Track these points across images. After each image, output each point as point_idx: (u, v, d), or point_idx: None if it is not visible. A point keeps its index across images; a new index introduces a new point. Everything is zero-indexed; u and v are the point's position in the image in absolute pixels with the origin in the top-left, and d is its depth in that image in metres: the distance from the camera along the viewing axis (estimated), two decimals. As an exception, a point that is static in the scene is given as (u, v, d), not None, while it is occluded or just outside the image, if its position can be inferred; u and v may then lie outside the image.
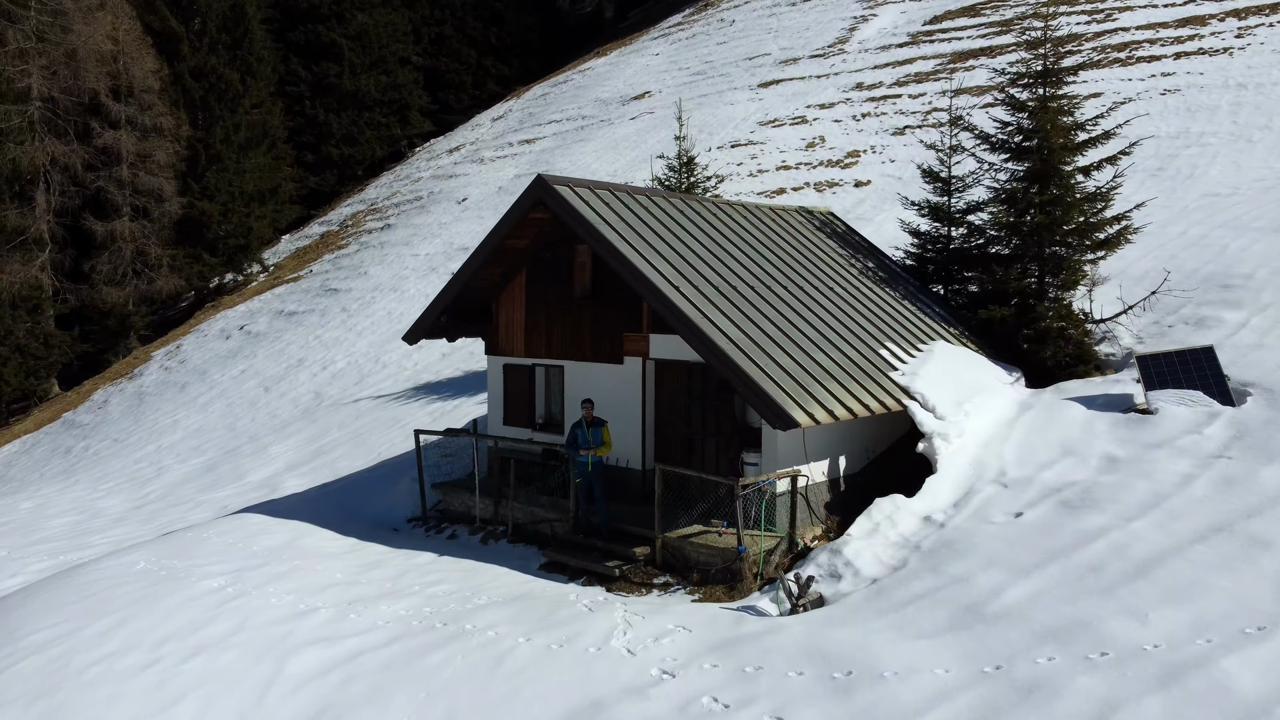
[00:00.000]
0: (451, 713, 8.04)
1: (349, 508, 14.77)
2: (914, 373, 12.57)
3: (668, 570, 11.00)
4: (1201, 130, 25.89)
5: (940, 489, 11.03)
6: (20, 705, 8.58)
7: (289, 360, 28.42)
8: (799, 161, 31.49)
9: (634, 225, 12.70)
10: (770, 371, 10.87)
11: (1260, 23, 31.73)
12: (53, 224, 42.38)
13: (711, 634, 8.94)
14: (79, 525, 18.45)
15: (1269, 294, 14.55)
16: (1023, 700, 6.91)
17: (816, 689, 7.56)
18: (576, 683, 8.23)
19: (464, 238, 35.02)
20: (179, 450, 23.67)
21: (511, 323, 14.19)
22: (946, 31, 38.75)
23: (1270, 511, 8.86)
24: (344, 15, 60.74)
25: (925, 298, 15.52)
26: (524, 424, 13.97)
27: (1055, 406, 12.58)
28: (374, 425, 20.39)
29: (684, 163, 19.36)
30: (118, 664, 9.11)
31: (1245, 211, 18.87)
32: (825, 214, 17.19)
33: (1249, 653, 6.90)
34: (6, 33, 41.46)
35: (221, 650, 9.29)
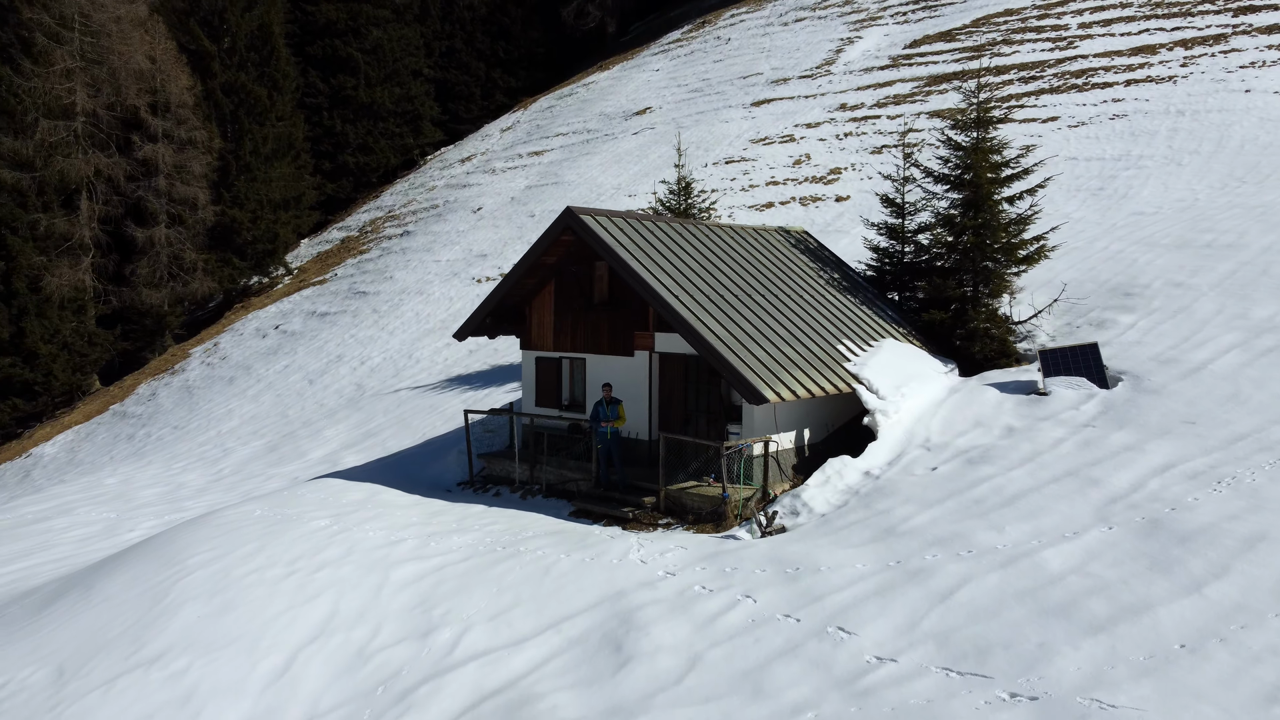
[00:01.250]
0: (517, 601, 11.35)
1: (407, 475, 18.06)
2: (864, 363, 15.88)
3: (669, 514, 14.31)
4: (1141, 153, 29.22)
5: (878, 452, 14.33)
6: (201, 600, 11.88)
7: (328, 356, 31.70)
8: (786, 178, 34.80)
9: (641, 245, 16.00)
10: (748, 361, 14.17)
11: (1204, 53, 35.04)
12: (97, 230, 45.68)
13: (701, 551, 12.26)
14: (168, 495, 21.74)
15: (1158, 301, 17.86)
16: (909, 580, 10.22)
17: (774, 579, 10.88)
18: (605, 581, 11.54)
19: (481, 245, 38.29)
20: (239, 434, 26.95)
21: (542, 323, 17.49)
22: (924, 55, 42.06)
23: (1108, 461, 12.16)
24: (360, 30, 63.99)
25: (881, 303, 18.83)
26: (553, 405, 17.27)
27: (976, 390, 15.89)
28: (415, 411, 23.69)
29: (682, 187, 22.67)
30: (265, 574, 12.41)
31: (1159, 230, 22.20)
32: (799, 233, 20.50)
33: (1061, 548, 10.21)
34: (54, 53, 44.74)
35: (340, 566, 12.58)
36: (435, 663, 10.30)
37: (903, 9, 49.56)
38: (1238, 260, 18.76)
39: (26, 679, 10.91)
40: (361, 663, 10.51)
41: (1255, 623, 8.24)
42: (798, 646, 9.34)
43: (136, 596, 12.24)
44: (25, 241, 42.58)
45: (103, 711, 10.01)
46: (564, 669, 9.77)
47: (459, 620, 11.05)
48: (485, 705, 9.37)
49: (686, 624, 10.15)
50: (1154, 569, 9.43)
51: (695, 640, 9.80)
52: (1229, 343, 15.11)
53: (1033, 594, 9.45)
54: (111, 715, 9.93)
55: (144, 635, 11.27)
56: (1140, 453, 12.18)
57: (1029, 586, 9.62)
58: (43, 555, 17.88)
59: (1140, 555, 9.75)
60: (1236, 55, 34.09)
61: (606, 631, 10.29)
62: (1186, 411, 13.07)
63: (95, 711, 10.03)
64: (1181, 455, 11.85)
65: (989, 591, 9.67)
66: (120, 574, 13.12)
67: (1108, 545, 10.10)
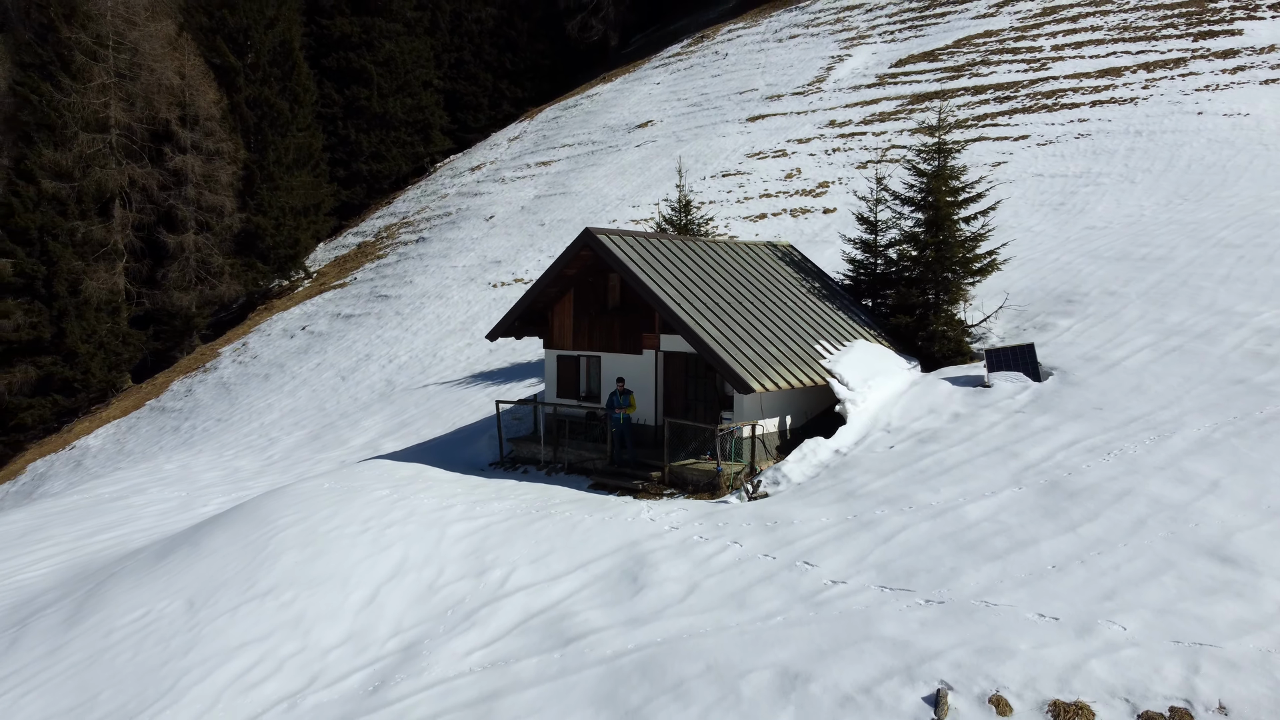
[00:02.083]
0: (552, 549, 14.18)
1: (445, 456, 20.89)
2: (837, 360, 18.73)
3: (673, 485, 17.15)
4: (1100, 171, 32.08)
5: (847, 434, 17.17)
6: (296, 550, 14.71)
7: (358, 355, 34.53)
8: (778, 190, 37.66)
9: (648, 259, 18.84)
10: (738, 357, 17.01)
11: (1165, 75, 37.91)
12: (130, 237, 48.54)
13: (699, 511, 15.11)
14: (228, 477, 24.57)
15: (1093, 308, 20.70)
16: (861, 529, 13.07)
17: (756, 530, 13.72)
18: (621, 533, 14.38)
19: (495, 252, 41.12)
20: (281, 425, 29.77)
21: (563, 326, 20.32)
22: (909, 74, 44.93)
23: (1029, 439, 15.01)
24: (373, 43, 66.80)
25: (855, 308, 21.67)
26: (572, 396, 20.10)
27: (932, 383, 18.74)
28: (444, 404, 26.53)
29: (682, 205, 25.52)
30: (344, 530, 15.25)
31: (1105, 244, 25.06)
32: (786, 246, 23.36)
33: (980, 503, 13.05)
34: (92, 70, 47.57)
35: (404, 525, 15.42)
36: (490, 593, 13.15)
37: (890, 28, 52.44)
38: (1164, 272, 21.61)
39: (164, 609, 13.74)
40: (431, 594, 13.35)
41: (1108, 550, 11.10)
42: (773, 575, 12.19)
43: (240, 549, 15.08)
44: (65, 247, 45.41)
45: (233, 630, 12.85)
46: (593, 595, 12.61)
47: (506, 563, 13.89)
48: (533, 621, 12.21)
49: (687, 562, 13.00)
50: (1045, 516, 12.29)
51: (694, 573, 12.66)
52: (1143, 343, 17.96)
53: (953, 536, 12.31)
54: (240, 632, 12.77)
55: (254, 576, 14.11)
56: (1055, 432, 15.04)
57: (951, 530, 12.47)
58: (131, 526, 20.71)
59: (1037, 507, 12.61)
60: (1194, 78, 36.95)
61: (625, 568, 13.14)
62: (1098, 400, 15.93)
63: (226, 630, 12.87)
64: (1085, 434, 14.70)
65: (920, 535, 12.53)
66: (221, 533, 15.96)
67: (1015, 500, 12.96)
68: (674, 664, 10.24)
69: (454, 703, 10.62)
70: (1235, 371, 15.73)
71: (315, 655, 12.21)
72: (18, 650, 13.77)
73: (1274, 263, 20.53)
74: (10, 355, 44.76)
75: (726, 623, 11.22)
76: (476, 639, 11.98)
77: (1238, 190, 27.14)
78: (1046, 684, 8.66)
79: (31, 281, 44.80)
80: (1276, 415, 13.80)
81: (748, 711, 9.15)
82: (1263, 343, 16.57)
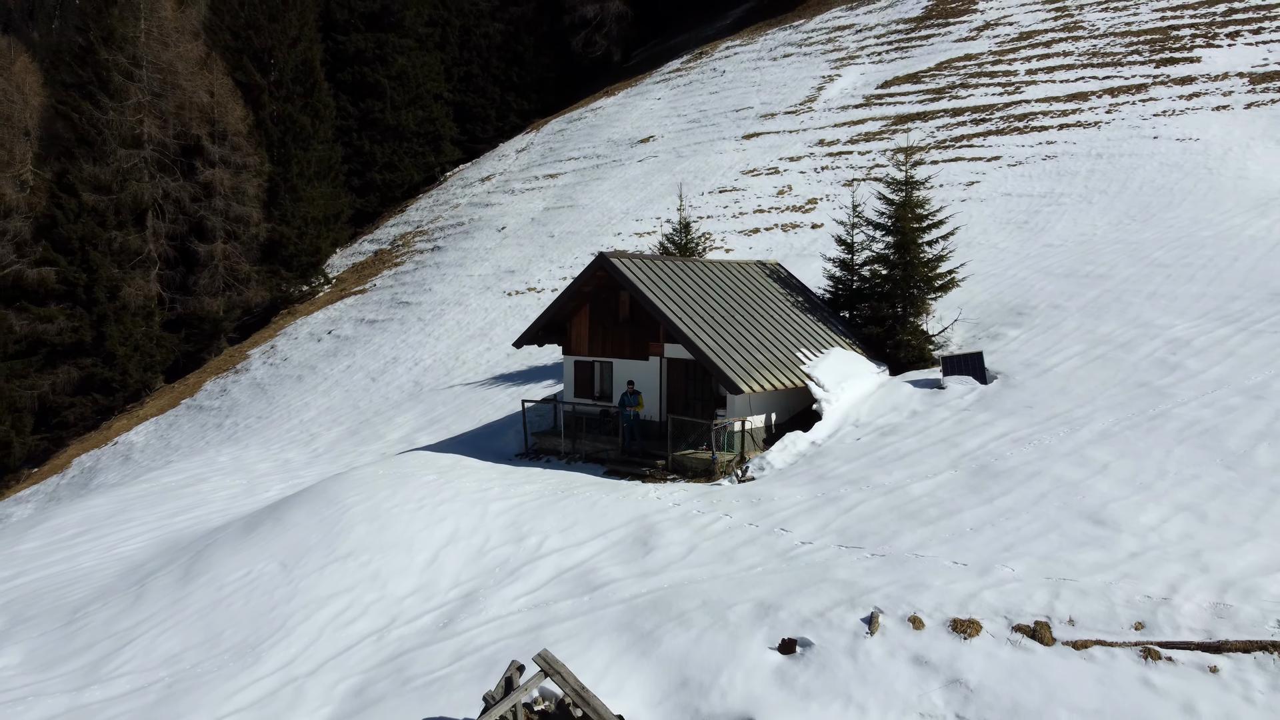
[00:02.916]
0: (576, 521, 17.35)
1: (477, 448, 24.06)
2: (815, 365, 21.91)
3: (675, 472, 20.32)
4: (1062, 191, 35.26)
5: (822, 429, 20.36)
6: (365, 523, 17.87)
7: (385, 358, 37.70)
8: (770, 206, 40.84)
9: (654, 279, 22.00)
10: (729, 363, 20.17)
11: (1127, 100, 41.08)
12: (164, 246, 51.69)
13: (697, 491, 18.29)
14: (280, 468, 27.71)
15: (1039, 319, 23.88)
16: (828, 503, 16.25)
17: (743, 505, 16.90)
18: (633, 509, 17.56)
19: (508, 262, 44.28)
20: (320, 422, 32.92)
21: (580, 335, 23.49)
22: (894, 96, 48.11)
23: (969, 432, 18.18)
24: (386, 58, 69.93)
25: (834, 319, 24.85)
26: (588, 396, 23.27)
27: (896, 385, 21.93)
28: (470, 402, 29.68)
29: (682, 226, 28.70)
30: (403, 508, 18.42)
31: (1057, 261, 28.25)
32: (774, 264, 26.54)
33: (923, 483, 16.23)
34: (128, 89, 50.72)
35: (453, 503, 18.58)
36: (528, 555, 16.33)
37: (878, 49, 55.61)
38: (1103, 288, 24.81)
39: (262, 569, 16.92)
40: (481, 556, 16.54)
41: (1014, 516, 14.30)
42: (755, 539, 15.38)
43: (318, 523, 18.25)
44: (104, 256, 48.56)
45: (323, 584, 16.03)
46: (612, 555, 15.80)
47: (540, 533, 17.07)
48: (565, 575, 15.40)
49: (687, 529, 16.19)
50: (971, 492, 15.49)
51: (692, 538, 15.84)
52: (1074, 351, 21.15)
53: (898, 508, 15.50)
54: (329, 585, 15.95)
55: (334, 543, 17.28)
56: (990, 426, 18.24)
57: (897, 504, 15.67)
58: (204, 509, 23.87)
59: (966, 485, 15.80)
60: (1153, 104, 40.14)
61: (636, 535, 16.33)
62: (1029, 399, 19.12)
63: (318, 584, 16.05)
64: (1014, 427, 17.90)
65: (873, 507, 15.72)
66: (297, 511, 19.12)
67: (950, 480, 16.16)
68: (677, 601, 13.42)
69: (508, 632, 13.80)
70: (1142, 376, 18.92)
71: (392, 602, 15.40)
72: (144, 602, 16.96)
73: (1194, 281, 23.73)
74: (54, 357, 47.95)
75: (718, 573, 14.40)
76: (521, 588, 15.17)
77: (1179, 213, 30.32)
78: (950, 608, 11.83)
79: (73, 288, 47.99)
80: (1164, 413, 17.00)
81: (733, 631, 12.33)
82: (1169, 352, 19.76)
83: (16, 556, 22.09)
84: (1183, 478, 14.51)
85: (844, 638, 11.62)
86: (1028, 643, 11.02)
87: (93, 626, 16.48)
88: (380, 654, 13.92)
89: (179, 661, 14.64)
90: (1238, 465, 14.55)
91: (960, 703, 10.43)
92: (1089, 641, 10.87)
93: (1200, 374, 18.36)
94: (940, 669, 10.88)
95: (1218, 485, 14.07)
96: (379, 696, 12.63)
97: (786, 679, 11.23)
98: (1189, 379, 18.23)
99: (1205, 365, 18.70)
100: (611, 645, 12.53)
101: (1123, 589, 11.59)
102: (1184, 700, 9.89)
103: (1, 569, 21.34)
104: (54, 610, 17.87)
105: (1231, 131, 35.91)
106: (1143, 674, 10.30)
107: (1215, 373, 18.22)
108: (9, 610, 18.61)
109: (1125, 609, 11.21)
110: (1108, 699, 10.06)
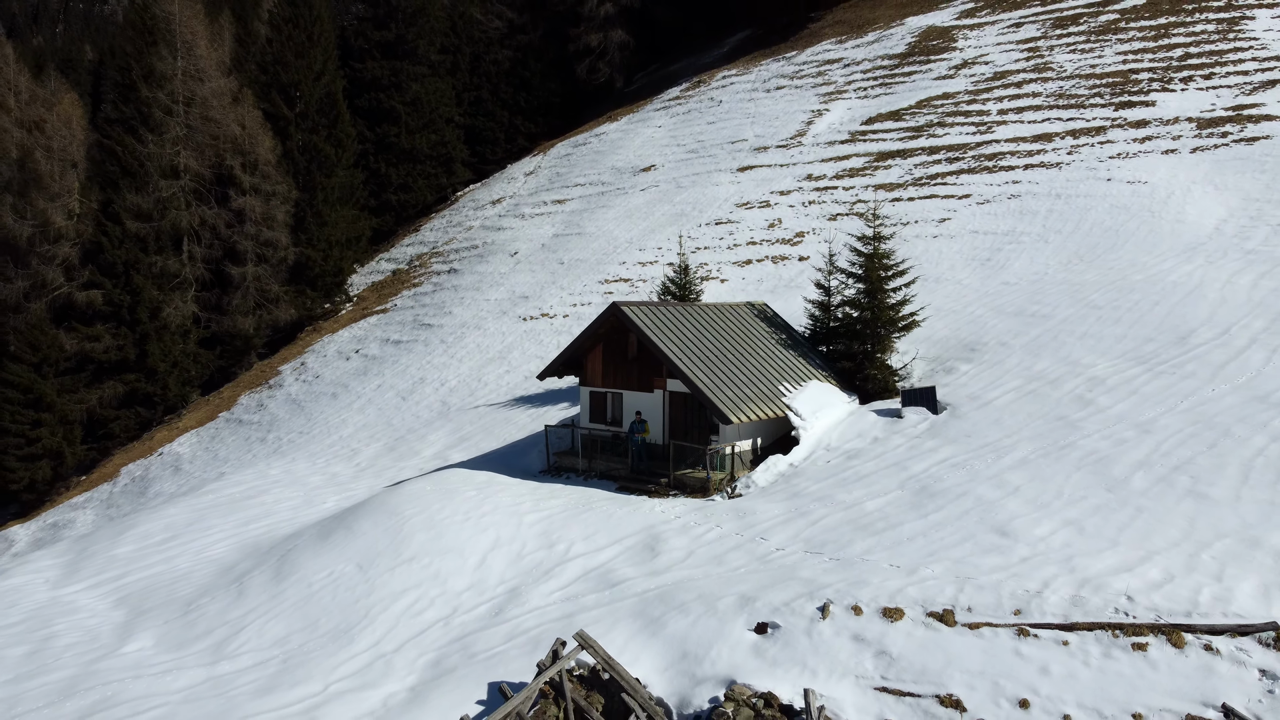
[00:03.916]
0: (596, 530, 21.33)
1: (506, 465, 28.03)
2: (794, 397, 25.90)
3: (676, 488, 24.30)
4: (1023, 230, 39.24)
5: (799, 452, 24.34)
6: (423, 532, 21.84)
7: (413, 378, 41.68)
8: (762, 239, 44.85)
9: (657, 322, 25.97)
10: (721, 398, 24.14)
11: (1088, 142, 45.06)
12: (200, 269, 55.69)
13: (693, 506, 22.29)
14: (330, 481, 31.67)
15: (988, 356, 27.85)
16: (799, 516, 20.25)
17: (731, 517, 20.90)
18: (642, 521, 21.54)
19: (522, 287, 48.26)
20: (358, 438, 36.88)
21: (595, 369, 27.46)
22: (876, 133, 52.12)
23: (918, 457, 22.15)
24: (401, 85, 73.95)
25: (812, 354, 28.83)
26: (602, 421, 27.26)
27: (863, 414, 25.90)
28: (494, 422, 33.66)
29: (682, 269, 32.72)
30: (453, 519, 22.38)
31: (1009, 300, 32.23)
32: (761, 305, 30.53)
33: (875, 500, 20.21)
34: (167, 124, 54.71)
35: (493, 515, 22.55)
36: (559, 559, 20.31)
37: (864, 84, 59.61)
38: (1044, 327, 28.80)
39: (341, 570, 20.90)
40: (520, 559, 20.52)
41: (941, 529, 18.28)
42: (740, 545, 19.37)
43: (383, 531, 22.23)
44: (146, 279, 52.56)
45: (394, 582, 20.01)
46: (626, 558, 19.78)
47: (567, 540, 21.05)
48: (589, 574, 19.38)
49: (686, 537, 20.18)
50: (911, 508, 19.49)
51: (690, 544, 19.83)
52: (1011, 386, 25.14)
53: (854, 521, 19.50)
54: (400, 583, 19.92)
55: (399, 548, 21.26)
56: (935, 452, 22.23)
57: (854, 518, 19.66)
58: (272, 518, 27.84)
59: (909, 503, 19.80)
60: (1109, 146, 44.12)
61: (645, 542, 20.31)
62: (969, 429, 23.11)
63: (390, 582, 20.02)
64: (954, 454, 21.89)
65: (835, 520, 19.72)
66: (364, 521, 23.09)
67: (897, 499, 20.16)
68: (678, 594, 17.40)
69: (547, 619, 17.79)
70: (1062, 410, 22.93)
71: (452, 596, 19.39)
72: (246, 597, 20.95)
73: (1120, 323, 27.73)
74: (101, 373, 51.95)
75: (710, 573, 18.39)
76: (555, 585, 19.17)
77: (1121, 255, 34.33)
78: (883, 599, 15.81)
79: (118, 309, 51.99)
80: (1071, 443, 21.00)
81: (721, 617, 16.29)
82: (1087, 389, 23.77)
83: (116, 559, 26.09)
84: (1073, 499, 18.52)
85: (803, 621, 15.60)
86: (936, 625, 15.01)
87: (208, 616, 20.48)
88: (448, 635, 17.92)
89: (287, 643, 18.64)
90: (1116, 489, 18.56)
91: (885, 667, 14.42)
92: (980, 624, 14.87)
93: (1107, 409, 22.37)
94: (872, 644, 14.87)
95: (1098, 505, 18.08)
96: (452, 667, 16.63)
97: (760, 651, 15.22)
98: (1097, 414, 22.24)
99: (1113, 402, 22.71)
100: (629, 627, 16.51)
101: (1009, 585, 15.59)
102: (1041, 664, 13.87)
103: (107, 570, 25.35)
104: (169, 603, 21.88)
105: (1176, 175, 39.88)
106: (1015, 646, 14.30)
107: (1118, 409, 22.23)
108: (127, 604, 22.62)
109: (1009, 600, 15.21)
110: (989, 663, 14.05)
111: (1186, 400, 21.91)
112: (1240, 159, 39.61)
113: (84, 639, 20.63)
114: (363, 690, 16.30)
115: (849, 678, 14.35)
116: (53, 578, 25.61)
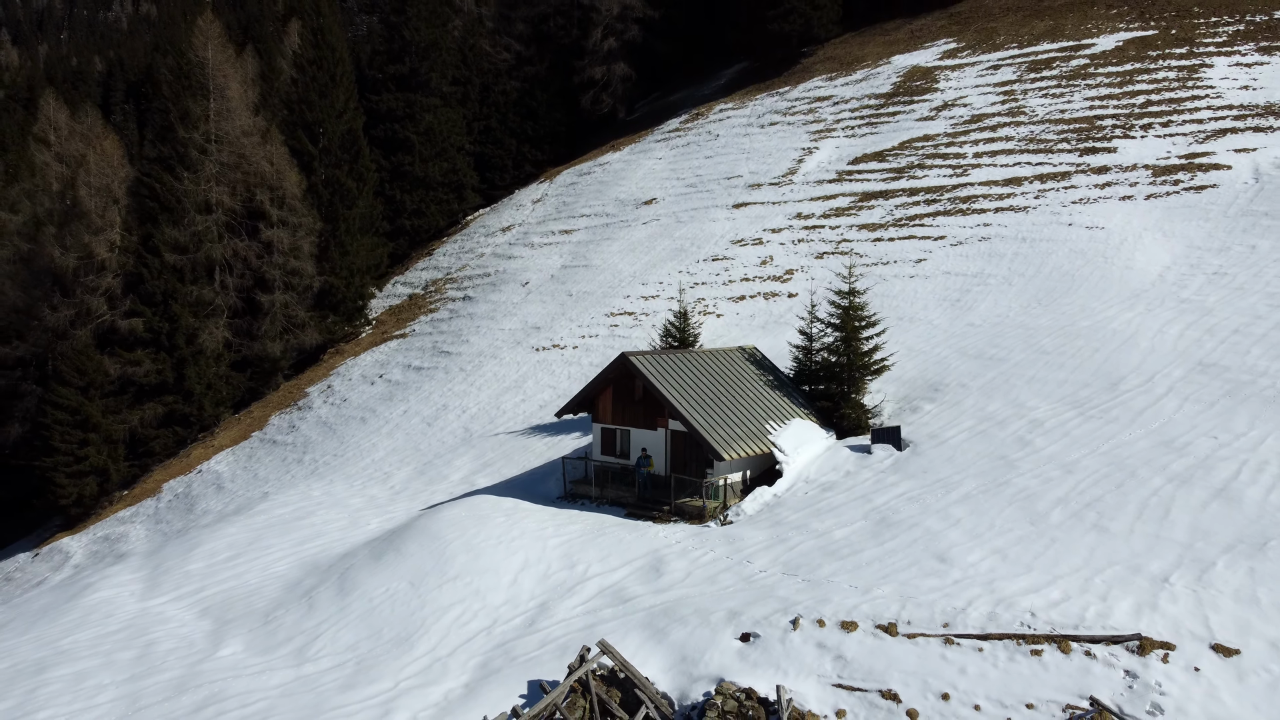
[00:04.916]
0: (610, 553, 25.37)
1: (528, 491, 32.04)
2: (779, 434, 29.95)
3: (677, 515, 28.33)
4: (990, 272, 43.26)
5: (782, 484, 28.38)
6: (463, 554, 25.86)
7: (436, 405, 45.71)
8: (755, 275, 48.92)
9: (659, 369, 30.02)
10: (714, 436, 28.16)
11: (1053, 187, 49.08)
12: (233, 298, 59.75)
13: (691, 532, 26.33)
14: (370, 503, 35.68)
15: (949, 396, 31.86)
16: (779, 543, 24.29)
17: (723, 543, 24.94)
18: (648, 544, 25.58)
19: (534, 318, 52.31)
20: (389, 462, 40.91)
21: (606, 409, 31.50)
22: (862, 173, 56.21)
23: (881, 490, 26.17)
24: (415, 116, 78.02)
25: (796, 394, 32.88)
26: (612, 454, 31.29)
27: (838, 449, 29.94)
28: (514, 449, 37.70)
29: (681, 314, 36.80)
30: (487, 542, 26.40)
31: (972, 342, 36.25)
32: (751, 349, 34.60)
33: (842, 529, 24.26)
34: (203, 162, 58.77)
35: (521, 539, 26.57)
36: (579, 578, 24.34)
37: (852, 123, 63.70)
38: (999, 370, 32.83)
39: (397, 587, 24.94)
40: (546, 578, 24.56)
41: (894, 555, 22.31)
42: (730, 568, 23.41)
43: (429, 553, 26.26)
44: (183, 308, 56.60)
45: (442, 597, 24.04)
46: (635, 578, 23.81)
47: (585, 562, 25.09)
48: (605, 591, 23.41)
49: (685, 560, 24.22)
50: (873, 537, 23.53)
51: (688, 566, 23.86)
52: (965, 426, 29.18)
53: (824, 548, 23.54)
54: (447, 598, 23.94)
55: (444, 568, 25.30)
56: (896, 486, 26.27)
57: (824, 545, 23.70)
58: (324, 539, 31.86)
59: (871, 532, 23.84)
60: (1073, 191, 48.14)
61: (651, 564, 24.35)
62: (926, 465, 27.15)
63: (439, 598, 24.05)
64: (911, 488, 25.93)
65: (809, 547, 23.76)
66: (410, 543, 27.12)
67: (861, 528, 24.20)
68: (678, 609, 21.43)
69: (572, 629, 21.82)
70: (1004, 450, 26.98)
71: (492, 609, 23.44)
72: (317, 609, 24.98)
73: (1064, 368, 31.78)
74: (141, 395, 55.98)
75: (705, 591, 22.43)
76: (577, 600, 23.21)
77: (1073, 300, 38.37)
78: (842, 614, 19.83)
79: (158, 336, 56.04)
80: (1008, 481, 25.05)
81: (713, 628, 20.30)
82: (1028, 430, 27.79)
83: (191, 575, 30.13)
84: (1002, 530, 22.58)
85: (778, 632, 19.64)
86: (882, 635, 19.06)
87: (286, 625, 24.52)
88: (491, 642, 21.97)
89: (357, 649, 22.69)
90: (1038, 522, 22.62)
91: (841, 669, 18.45)
92: (916, 634, 18.93)
93: (1041, 450, 26.42)
94: (832, 650, 18.91)
95: (1020, 536, 22.14)
96: (498, 668, 20.66)
97: (743, 656, 19.25)
98: (1033, 454, 26.30)
99: (1047, 443, 26.77)
100: (639, 636, 20.54)
101: (941, 603, 19.64)
102: (961, 666, 17.92)
103: (185, 584, 29.38)
104: (248, 614, 25.92)
105: (1131, 221, 43.89)
106: (942, 652, 18.34)
107: (1050, 450, 26.29)
108: (210, 614, 26.66)
109: (940, 615, 19.26)
110: (921, 665, 18.09)
111: (1107, 443, 25.97)
112: (1188, 206, 43.64)
113: (181, 645, 24.67)
114: (426, 687, 20.34)
115: (813, 676, 18.39)
116: (137, 591, 29.63)
